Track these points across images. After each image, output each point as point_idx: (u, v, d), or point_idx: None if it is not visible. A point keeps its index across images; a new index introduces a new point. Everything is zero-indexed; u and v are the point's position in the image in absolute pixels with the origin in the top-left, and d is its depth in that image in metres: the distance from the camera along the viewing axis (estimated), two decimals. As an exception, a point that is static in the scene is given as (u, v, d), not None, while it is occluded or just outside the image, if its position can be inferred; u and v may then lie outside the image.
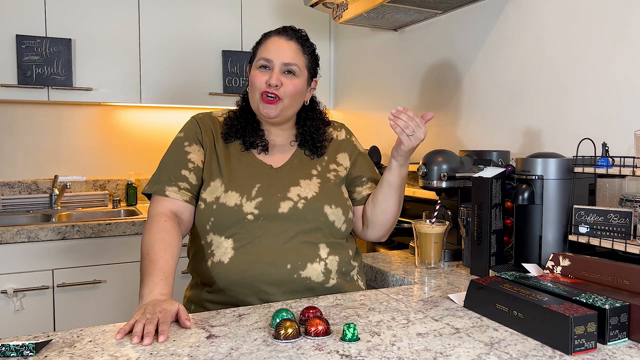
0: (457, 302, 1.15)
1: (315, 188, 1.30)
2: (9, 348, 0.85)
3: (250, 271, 1.21)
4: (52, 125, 2.71)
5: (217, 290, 1.25)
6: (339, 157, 1.39)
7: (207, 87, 2.70)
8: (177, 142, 1.34)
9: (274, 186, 1.28)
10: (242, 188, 1.26)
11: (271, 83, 1.26)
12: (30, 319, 2.09)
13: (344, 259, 1.30)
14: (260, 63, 1.29)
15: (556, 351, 0.88)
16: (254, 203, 1.24)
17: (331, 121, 1.46)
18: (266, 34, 1.34)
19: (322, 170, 1.34)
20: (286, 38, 1.30)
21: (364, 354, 0.86)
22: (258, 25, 2.78)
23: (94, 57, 2.47)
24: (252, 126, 1.34)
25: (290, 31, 1.32)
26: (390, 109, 2.66)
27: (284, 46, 1.29)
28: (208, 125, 1.36)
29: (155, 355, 0.86)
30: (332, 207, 1.29)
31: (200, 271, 1.28)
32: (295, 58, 1.30)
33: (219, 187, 1.26)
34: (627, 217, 1.15)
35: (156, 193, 1.28)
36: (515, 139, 1.81)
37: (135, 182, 2.84)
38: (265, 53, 1.29)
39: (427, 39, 2.24)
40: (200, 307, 1.29)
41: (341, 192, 1.35)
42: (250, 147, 1.33)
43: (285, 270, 1.22)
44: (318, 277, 1.24)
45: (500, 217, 1.36)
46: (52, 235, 2.11)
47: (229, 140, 1.33)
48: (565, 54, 1.61)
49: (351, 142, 1.44)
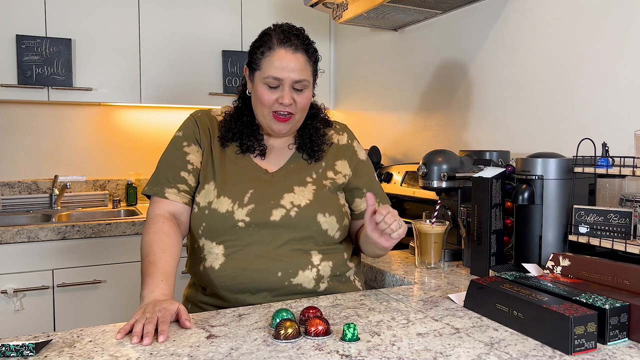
0: (457, 302, 1.15)
1: (310, 195, 1.27)
2: (9, 348, 0.85)
3: (240, 278, 1.21)
4: (52, 125, 2.71)
5: (210, 294, 1.25)
6: (337, 165, 1.35)
7: (207, 87, 2.70)
8: (176, 142, 1.33)
9: (267, 192, 1.25)
10: (234, 194, 1.24)
11: (284, 102, 1.23)
12: (30, 319, 2.09)
13: (339, 263, 1.29)
14: (269, 81, 1.23)
15: (556, 351, 0.88)
16: (246, 210, 1.22)
17: (333, 122, 1.43)
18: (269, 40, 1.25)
19: (318, 177, 1.31)
20: (292, 50, 1.23)
21: (364, 354, 0.86)
22: (258, 25, 2.74)
23: (94, 57, 2.47)
24: (250, 130, 1.31)
25: (295, 39, 1.24)
26: (390, 109, 2.65)
27: (291, 62, 1.23)
28: (206, 124, 1.34)
29: (155, 355, 0.86)
30: (326, 215, 1.26)
31: (194, 273, 1.30)
32: (304, 73, 1.25)
33: (212, 192, 1.25)
34: (627, 217, 1.15)
35: (156, 195, 1.27)
36: (515, 139, 1.81)
37: (135, 182, 2.84)
38: (273, 71, 1.22)
39: (427, 39, 2.24)
40: (196, 307, 1.29)
41: (337, 198, 1.32)
42: (247, 151, 1.31)
43: (276, 277, 1.21)
44: (309, 284, 1.23)
45: (500, 217, 1.36)
46: (52, 235, 2.11)
47: (225, 144, 1.31)
48: (565, 54, 1.61)
49: (352, 147, 1.40)
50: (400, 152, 2.44)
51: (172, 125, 2.92)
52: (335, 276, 1.28)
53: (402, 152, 2.43)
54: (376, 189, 1.40)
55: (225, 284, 1.21)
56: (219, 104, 2.70)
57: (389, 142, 2.52)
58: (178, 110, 2.95)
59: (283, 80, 1.23)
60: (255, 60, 1.26)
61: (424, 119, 2.28)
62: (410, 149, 2.38)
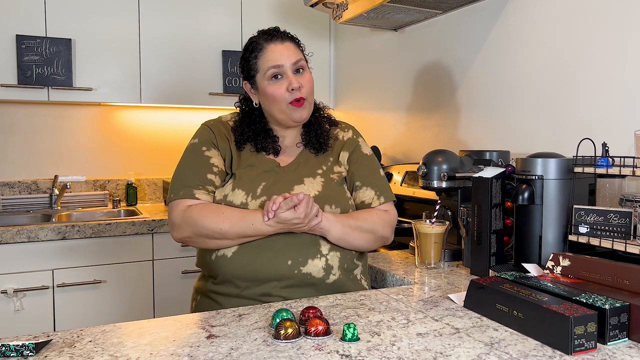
0: (457, 302, 1.15)
1: (319, 187, 1.31)
2: (9, 348, 0.85)
3: (252, 265, 1.23)
4: (52, 125, 2.71)
5: (221, 282, 1.27)
6: (341, 157, 1.39)
7: (207, 87, 2.70)
8: (194, 148, 1.34)
9: (279, 184, 1.29)
10: (248, 186, 1.27)
11: (294, 87, 1.28)
12: (30, 319, 2.09)
13: (346, 256, 1.31)
14: (271, 73, 1.29)
15: (556, 351, 0.88)
16: (259, 201, 1.26)
17: (339, 122, 1.47)
18: (256, 43, 1.32)
19: (327, 170, 1.35)
20: (280, 41, 1.31)
21: (364, 354, 0.86)
22: (258, 25, 2.74)
23: (94, 57, 2.47)
24: (265, 133, 1.35)
25: (278, 33, 1.33)
26: (390, 109, 2.65)
27: (284, 49, 1.30)
28: (221, 130, 1.37)
29: (155, 355, 0.86)
30: (333, 207, 1.29)
31: (206, 264, 1.31)
32: (298, 53, 1.32)
33: (228, 186, 1.29)
34: (627, 217, 1.15)
35: (184, 197, 1.27)
36: (515, 139, 1.81)
37: (135, 182, 2.84)
38: (272, 61, 1.29)
39: (427, 39, 2.24)
40: (206, 297, 1.32)
41: (344, 191, 1.35)
42: (262, 150, 1.35)
43: (286, 265, 1.23)
44: (319, 273, 1.25)
45: (500, 217, 1.36)
46: (52, 235, 2.11)
47: (241, 147, 1.35)
48: (565, 54, 1.61)
49: (356, 142, 1.43)
50: (400, 152, 2.44)
51: (172, 125, 2.95)
52: (344, 269, 1.30)
53: (402, 152, 2.43)
54: (380, 184, 1.39)
55: (236, 271, 1.24)
56: (219, 104, 2.70)
57: (389, 142, 2.52)
58: (178, 110, 2.95)
59: (283, 66, 1.29)
60: (251, 65, 1.33)
61: (424, 119, 2.28)
62: (410, 149, 2.38)
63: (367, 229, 1.30)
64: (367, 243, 1.32)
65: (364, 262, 1.40)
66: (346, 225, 1.26)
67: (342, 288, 1.28)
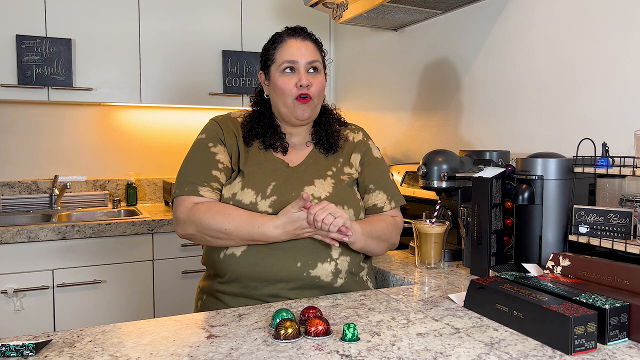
0: (457, 302, 1.15)
1: (329, 188, 1.30)
2: (9, 348, 0.85)
3: (260, 265, 1.23)
4: (52, 125, 2.71)
5: (228, 281, 1.27)
6: (352, 159, 1.39)
7: (207, 87, 2.70)
8: (201, 144, 1.34)
9: (289, 185, 1.28)
10: (257, 186, 1.27)
11: (303, 84, 1.29)
12: (30, 319, 2.09)
13: (355, 260, 1.30)
14: (284, 66, 1.30)
15: (556, 351, 0.88)
16: (269, 201, 1.25)
17: (349, 123, 1.47)
18: (278, 36, 1.34)
19: (337, 172, 1.35)
20: (302, 38, 1.33)
21: (364, 354, 0.86)
22: (258, 25, 2.78)
23: (94, 57, 2.47)
24: (273, 130, 1.35)
25: (302, 32, 1.34)
26: (390, 108, 2.65)
27: (302, 47, 1.31)
28: (229, 126, 1.36)
29: (155, 355, 0.86)
30: (345, 208, 1.28)
31: (213, 262, 1.30)
32: (315, 55, 1.33)
33: (237, 184, 1.28)
34: (627, 217, 1.15)
35: (189, 194, 1.27)
36: (515, 138, 1.81)
37: (135, 182, 2.84)
38: (288, 55, 1.30)
39: (427, 39, 2.24)
40: (212, 297, 1.31)
41: (354, 192, 1.35)
42: (270, 148, 1.34)
43: (295, 267, 1.23)
44: (327, 277, 1.25)
45: (500, 217, 1.36)
46: (52, 235, 2.11)
47: (249, 143, 1.34)
48: (565, 54, 1.61)
49: (367, 144, 1.43)
50: (400, 152, 2.44)
51: (172, 125, 2.95)
52: (351, 273, 1.29)
53: (402, 152, 2.43)
54: (391, 188, 1.40)
55: (244, 271, 1.23)
56: (219, 104, 2.70)
57: (389, 142, 2.52)
58: (178, 110, 2.95)
59: (298, 63, 1.30)
60: (269, 56, 1.34)
61: (424, 119, 2.28)
62: (410, 149, 2.38)
63: (384, 239, 1.33)
64: (382, 250, 1.35)
65: (369, 263, 1.40)
66: (368, 237, 1.27)
67: (349, 291, 1.28)
